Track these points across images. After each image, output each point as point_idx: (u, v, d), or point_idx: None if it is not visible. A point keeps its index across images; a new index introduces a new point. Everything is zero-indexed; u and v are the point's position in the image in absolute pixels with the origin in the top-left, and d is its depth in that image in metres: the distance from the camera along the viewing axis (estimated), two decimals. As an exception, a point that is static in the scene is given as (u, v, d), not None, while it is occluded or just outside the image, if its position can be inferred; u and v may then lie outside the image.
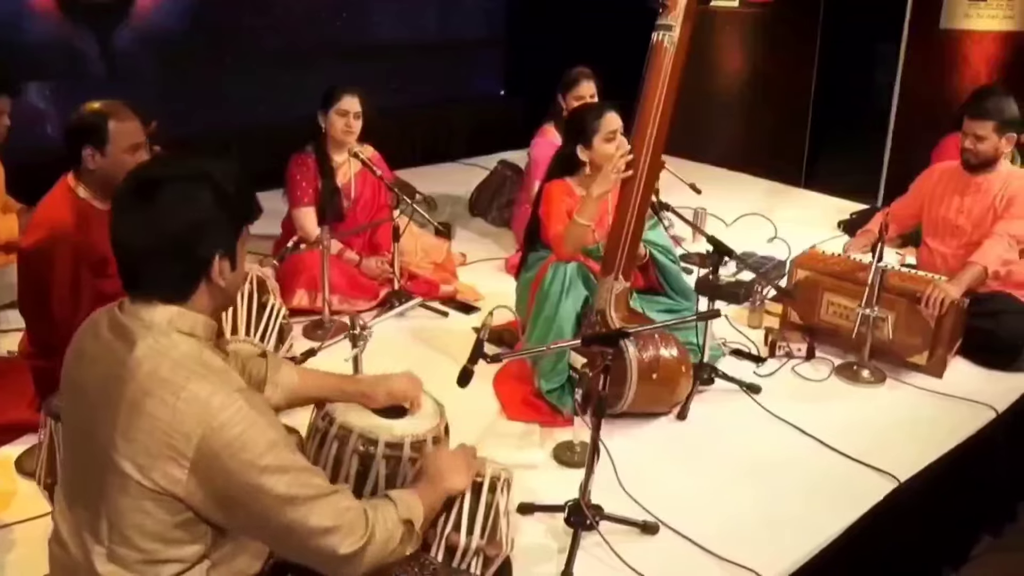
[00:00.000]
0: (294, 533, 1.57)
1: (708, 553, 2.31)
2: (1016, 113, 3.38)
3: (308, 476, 1.59)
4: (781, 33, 6.41)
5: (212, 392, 1.51)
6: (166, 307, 1.58)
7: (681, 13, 2.70)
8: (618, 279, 2.87)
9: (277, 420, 1.62)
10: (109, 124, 2.65)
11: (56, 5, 4.71)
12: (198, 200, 1.54)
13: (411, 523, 1.73)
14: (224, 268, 1.60)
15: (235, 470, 1.50)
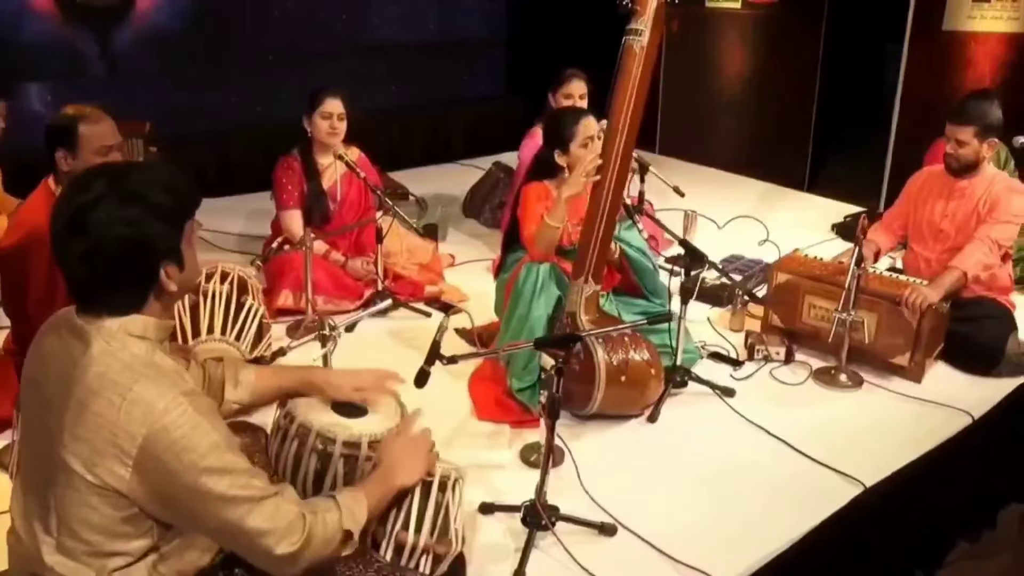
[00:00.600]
0: (232, 532, 1.62)
1: (664, 555, 2.33)
2: (998, 118, 3.36)
3: (248, 478, 1.63)
4: (784, 35, 6.38)
5: (158, 394, 1.55)
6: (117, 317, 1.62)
7: (650, 17, 2.71)
8: (588, 282, 2.89)
9: (222, 424, 1.66)
10: (79, 128, 2.73)
11: (56, 7, 4.79)
12: (129, 219, 1.56)
13: (350, 532, 1.76)
14: (172, 273, 1.63)
15: (177, 470, 1.54)
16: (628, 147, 2.81)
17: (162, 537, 1.67)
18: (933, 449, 2.89)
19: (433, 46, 6.39)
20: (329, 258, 3.82)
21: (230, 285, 3.09)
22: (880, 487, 2.67)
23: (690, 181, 6.00)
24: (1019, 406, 3.24)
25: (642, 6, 2.71)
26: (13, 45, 4.68)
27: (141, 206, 1.57)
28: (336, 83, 5.22)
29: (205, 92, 5.32)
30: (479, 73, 6.75)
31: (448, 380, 3.18)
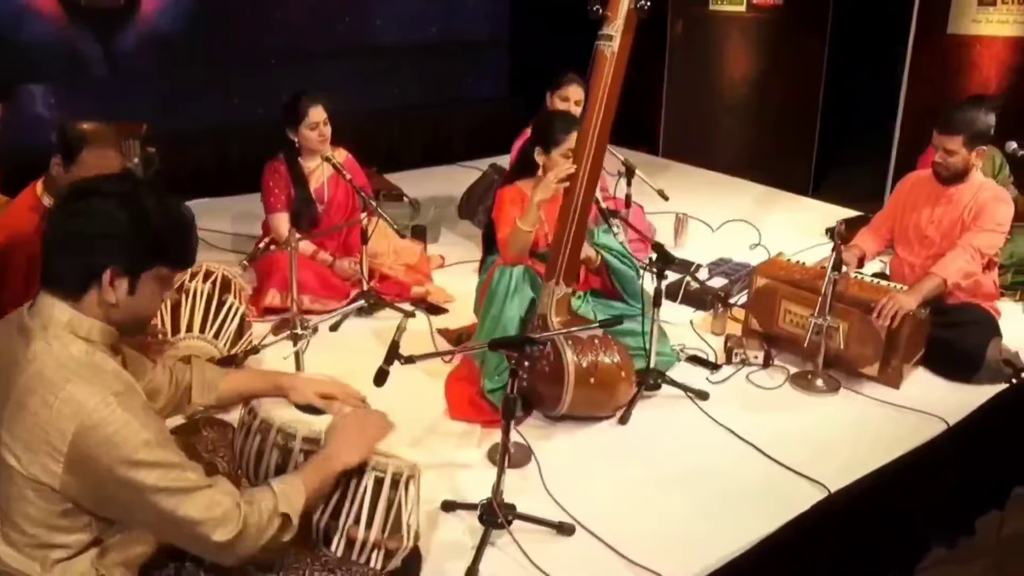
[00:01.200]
0: (169, 524, 1.68)
1: (619, 556, 2.35)
2: (987, 125, 3.34)
3: (180, 471, 1.68)
4: (789, 38, 6.36)
5: (88, 394, 1.61)
6: (65, 307, 1.69)
7: (621, 23, 2.72)
8: (559, 284, 2.91)
9: (154, 421, 1.71)
10: (84, 151, 2.78)
11: (60, 8, 4.89)
12: (112, 217, 1.66)
13: (288, 515, 1.80)
14: (118, 286, 1.69)
15: (108, 466, 1.60)
16: (599, 151, 2.83)
17: (104, 531, 1.73)
18: (904, 455, 2.88)
19: (435, 47, 6.43)
20: (317, 258, 3.88)
21: (212, 284, 3.15)
22: (845, 492, 2.67)
23: (689, 184, 6.08)
24: (997, 413, 3.21)
25: (613, 12, 2.73)
26: (16, 46, 4.78)
27: (132, 218, 1.67)
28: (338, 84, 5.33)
29: (207, 93, 5.39)
30: (481, 75, 6.78)
31: (426, 380, 3.23)
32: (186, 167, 5.26)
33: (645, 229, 4.50)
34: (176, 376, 2.15)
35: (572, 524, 2.44)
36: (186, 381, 2.17)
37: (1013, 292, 4.05)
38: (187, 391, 2.18)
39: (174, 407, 2.18)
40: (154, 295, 1.79)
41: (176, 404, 2.18)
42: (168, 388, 2.13)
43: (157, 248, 1.74)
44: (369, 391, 2.27)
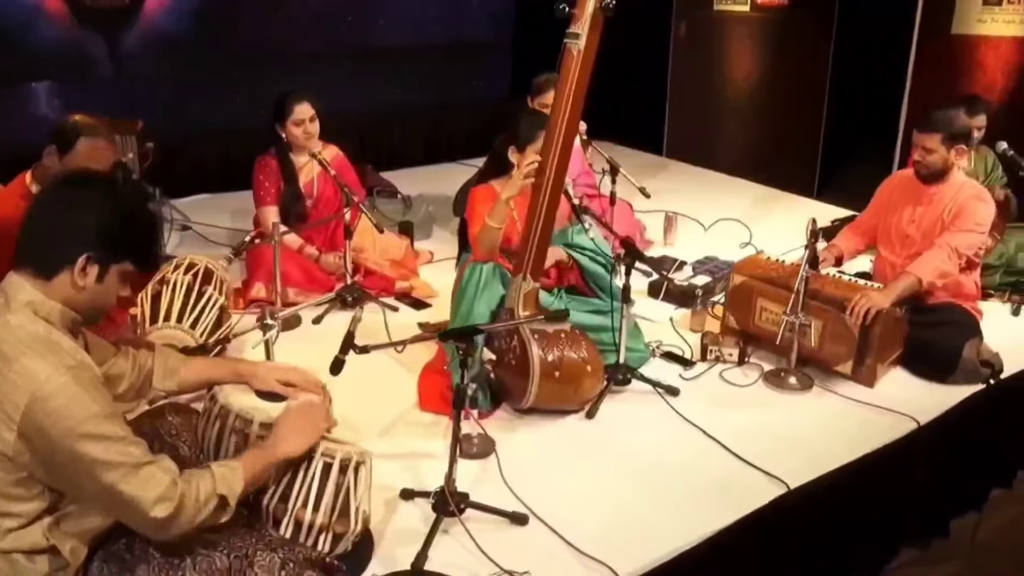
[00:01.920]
0: (109, 497, 1.75)
1: (570, 547, 2.37)
2: (965, 125, 3.36)
3: (124, 446, 1.76)
4: (794, 38, 6.34)
5: (41, 368, 1.70)
6: (31, 288, 1.79)
7: (587, 21, 2.75)
8: (526, 279, 2.95)
9: (103, 396, 1.79)
10: (80, 141, 2.92)
11: (67, 8, 5.01)
12: (99, 209, 1.81)
13: (225, 497, 1.86)
14: (89, 273, 1.80)
15: (56, 436, 1.69)
16: (567, 147, 2.85)
17: (56, 502, 1.81)
18: (870, 454, 2.88)
19: (439, 49, 6.49)
20: (303, 253, 3.95)
21: (193, 276, 3.22)
22: (804, 489, 2.67)
23: (686, 183, 6.10)
24: (970, 414, 3.20)
25: (580, 10, 2.76)
26: (23, 45, 4.90)
27: (112, 216, 1.81)
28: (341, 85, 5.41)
29: (210, 93, 5.49)
30: (485, 76, 6.83)
31: (401, 372, 3.29)
32: (188, 164, 5.37)
33: (632, 227, 4.53)
34: (139, 361, 2.23)
35: (525, 514, 2.47)
36: (148, 366, 2.25)
37: (1001, 293, 4.02)
38: (149, 376, 2.26)
39: (136, 392, 2.26)
40: (114, 288, 1.89)
41: (138, 389, 2.26)
42: (131, 373, 2.21)
43: (130, 246, 1.86)
44: (345, 382, 2.33)
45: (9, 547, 1.78)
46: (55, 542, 1.82)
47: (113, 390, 2.17)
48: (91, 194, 1.85)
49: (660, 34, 6.86)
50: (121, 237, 1.84)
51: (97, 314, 1.96)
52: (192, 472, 1.88)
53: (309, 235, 4.01)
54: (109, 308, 2.00)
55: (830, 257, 3.56)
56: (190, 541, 1.93)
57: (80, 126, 2.91)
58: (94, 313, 1.92)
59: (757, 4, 6.45)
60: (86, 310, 1.87)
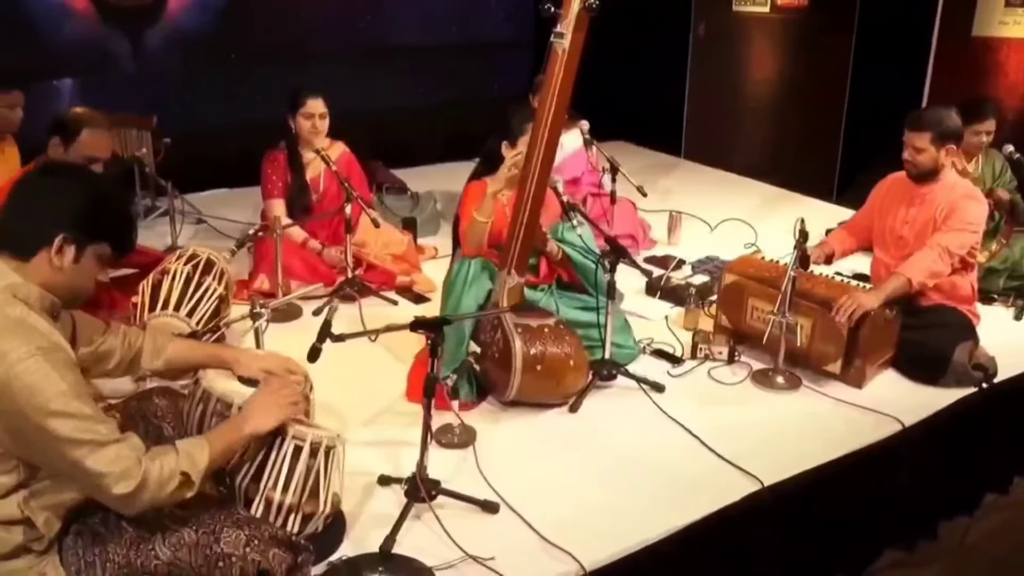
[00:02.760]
0: (76, 472, 1.83)
1: (537, 535, 2.42)
2: (956, 125, 3.33)
3: (92, 423, 1.83)
4: (814, 40, 6.31)
5: (15, 347, 1.78)
6: (10, 272, 1.87)
7: (572, 22, 2.80)
8: (511, 274, 3.00)
9: (74, 376, 1.86)
10: (82, 132, 3.07)
11: (92, 6, 5.17)
12: (74, 192, 1.91)
13: (187, 474, 1.94)
14: (66, 254, 1.89)
15: (27, 412, 1.77)
16: (551, 143, 2.90)
17: (31, 476, 1.89)
18: (849, 454, 2.88)
19: (458, 47, 6.56)
20: (307, 246, 4.04)
21: (193, 267, 3.32)
22: (779, 487, 2.69)
23: (700, 183, 6.11)
24: (959, 417, 3.18)
25: (565, 10, 2.81)
26: (50, 42, 5.07)
27: (86, 199, 1.90)
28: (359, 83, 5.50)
29: (229, 89, 5.62)
30: (503, 74, 6.88)
31: (393, 363, 3.36)
32: (206, 159, 5.50)
33: (635, 225, 4.56)
34: (129, 339, 2.32)
35: (496, 503, 2.53)
36: (138, 345, 2.34)
37: (1005, 297, 3.99)
38: (139, 355, 2.34)
39: (125, 369, 2.35)
40: (92, 270, 1.97)
41: (127, 366, 2.34)
42: (120, 350, 2.30)
43: (105, 228, 1.95)
44: (336, 371, 2.40)
45: (-13, 517, 1.87)
46: (29, 514, 1.90)
47: (103, 366, 2.28)
48: (67, 179, 1.95)
49: (679, 34, 6.86)
50: (96, 219, 1.92)
51: (76, 296, 2.03)
52: (158, 450, 1.95)
53: (313, 229, 4.10)
54: (88, 291, 2.07)
55: (820, 255, 3.56)
56: (162, 517, 2.01)
57: (82, 117, 3.05)
58: (73, 295, 2.00)
59: (777, 5, 6.44)
60: (65, 292, 1.95)
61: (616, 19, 6.68)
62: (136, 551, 1.96)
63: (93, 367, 2.24)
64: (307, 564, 2.13)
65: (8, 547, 1.89)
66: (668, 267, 4.17)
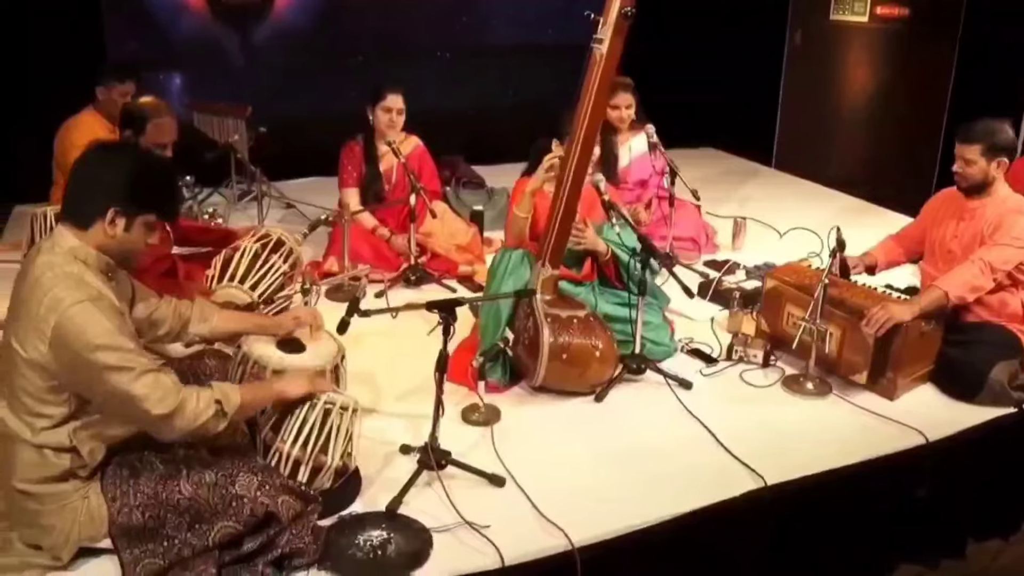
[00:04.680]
0: (120, 398, 2.13)
1: (536, 510, 2.56)
2: (1008, 138, 3.27)
3: (133, 355, 2.14)
4: (914, 51, 6.16)
5: (68, 295, 2.10)
6: (72, 236, 2.19)
7: (611, 29, 2.93)
8: (545, 266, 3.16)
9: (119, 320, 2.17)
10: (149, 121, 3.41)
11: (206, 4, 5.62)
12: (120, 171, 2.20)
13: (220, 403, 2.22)
14: (118, 224, 2.19)
15: (77, 348, 2.09)
16: (588, 143, 3.04)
17: (81, 409, 2.20)
18: (863, 462, 2.89)
19: (552, 49, 6.72)
20: (376, 233, 4.32)
21: (262, 245, 3.61)
22: (782, 486, 2.74)
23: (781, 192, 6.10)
24: (995, 437, 3.13)
25: (605, 17, 2.95)
26: (169, 38, 5.55)
27: (131, 175, 2.19)
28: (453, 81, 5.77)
29: (328, 83, 5.97)
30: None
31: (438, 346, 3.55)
32: (303, 148, 5.86)
33: (698, 229, 4.63)
34: (180, 310, 2.65)
35: (503, 477, 2.69)
36: (187, 315, 2.66)
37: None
38: (186, 323, 2.66)
39: (175, 336, 2.68)
40: (141, 237, 2.27)
41: (176, 333, 2.67)
42: (171, 319, 2.62)
43: (151, 200, 2.24)
44: (380, 348, 2.80)
45: (41, 442, 2.18)
46: (77, 444, 2.21)
47: (155, 331, 2.60)
48: (117, 157, 2.25)
49: (775, 42, 6.82)
50: (142, 192, 2.20)
51: (128, 258, 2.33)
52: (194, 385, 2.25)
53: (384, 217, 4.37)
54: (140, 253, 2.36)
55: (861, 264, 3.56)
56: (189, 459, 2.31)
57: (147, 109, 3.37)
58: (125, 257, 2.30)
59: (876, 14, 6.31)
60: (118, 255, 2.26)
61: (711, 25, 6.75)
62: (163, 486, 2.24)
63: (147, 331, 2.57)
64: (314, 514, 2.38)
65: (58, 471, 2.21)
66: (720, 271, 4.23)
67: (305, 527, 2.33)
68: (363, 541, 2.39)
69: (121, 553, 2.23)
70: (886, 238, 3.75)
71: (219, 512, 2.24)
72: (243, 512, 2.24)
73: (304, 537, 2.31)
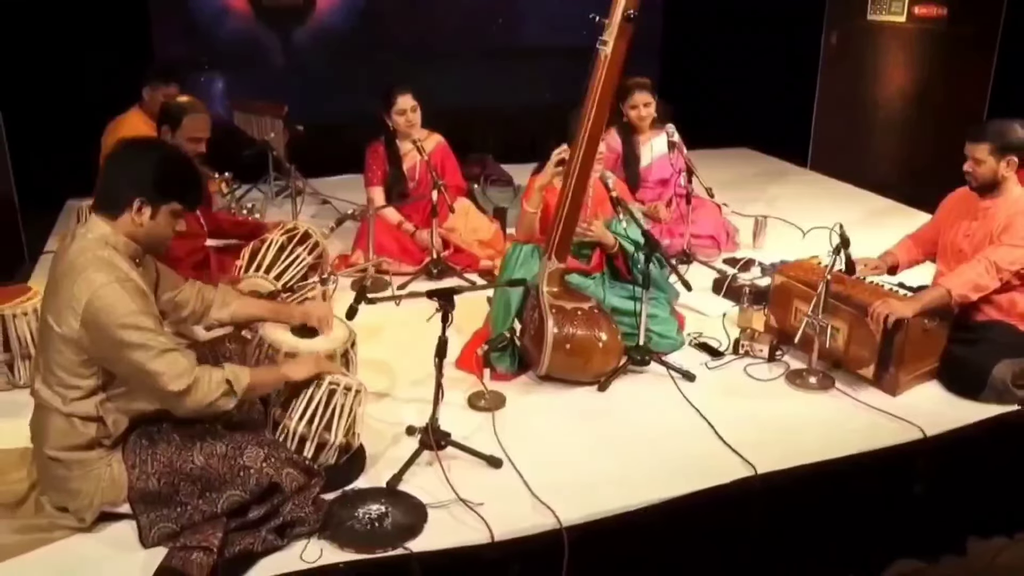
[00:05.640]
0: (141, 373, 2.33)
1: (528, 490, 2.68)
2: (1018, 138, 3.28)
3: (154, 335, 2.33)
4: (952, 52, 6.10)
5: (98, 277, 2.30)
6: (104, 224, 2.39)
7: (615, 29, 3.04)
8: (551, 259, 3.27)
9: (144, 301, 2.37)
10: (185, 117, 3.61)
11: (249, 7, 5.87)
12: (149, 162, 2.40)
13: (230, 383, 2.40)
14: (144, 213, 2.39)
15: (105, 324, 2.28)
16: (592, 141, 3.15)
17: (108, 382, 2.41)
18: (858, 454, 2.94)
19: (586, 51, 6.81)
20: (401, 228, 4.48)
21: (288, 238, 3.80)
22: (772, 476, 2.80)
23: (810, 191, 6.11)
24: (996, 435, 3.14)
25: (610, 20, 3.05)
26: (214, 40, 5.80)
27: (156, 169, 2.38)
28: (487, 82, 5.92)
29: (366, 83, 6.13)
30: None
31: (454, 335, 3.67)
32: (341, 146, 6.01)
33: (719, 227, 4.70)
34: (203, 294, 2.84)
35: (500, 459, 2.82)
36: (209, 299, 2.85)
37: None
38: (208, 307, 2.85)
39: (197, 318, 2.87)
40: (167, 224, 2.47)
41: (199, 316, 2.85)
42: (193, 302, 2.81)
43: (174, 190, 2.43)
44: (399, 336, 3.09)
45: (70, 411, 2.39)
46: (103, 414, 2.41)
47: (179, 313, 2.79)
48: (143, 152, 2.45)
49: (811, 42, 6.82)
50: (166, 183, 2.40)
51: (156, 245, 2.51)
52: (208, 365, 2.43)
53: (408, 213, 4.53)
54: (166, 240, 2.54)
55: (883, 265, 3.60)
56: (204, 432, 2.49)
57: (183, 106, 3.59)
58: (152, 244, 2.49)
59: (914, 15, 6.27)
60: (145, 241, 2.45)
61: (747, 25, 6.78)
62: (178, 455, 2.43)
63: (171, 313, 2.76)
64: (316, 486, 2.53)
65: (84, 439, 2.41)
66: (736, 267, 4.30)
67: (307, 498, 2.49)
68: (362, 513, 2.53)
69: (139, 517, 2.42)
70: (904, 238, 3.78)
71: (227, 481, 2.41)
72: (249, 482, 2.41)
73: (306, 507, 2.46)
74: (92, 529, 2.47)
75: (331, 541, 2.44)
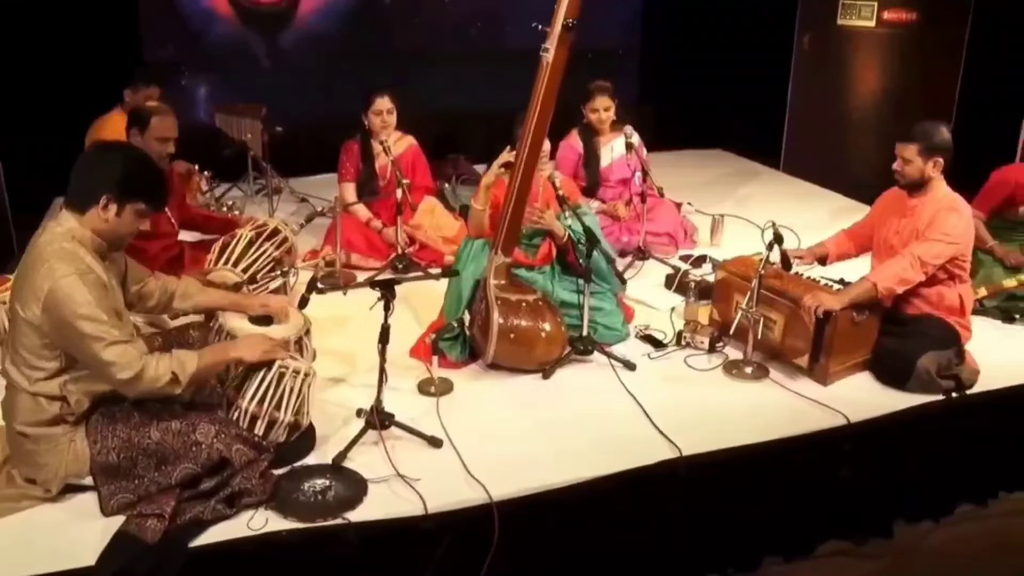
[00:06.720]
0: (93, 362, 2.53)
1: (464, 468, 2.87)
2: (944, 140, 3.46)
3: (108, 327, 2.52)
4: (922, 55, 6.26)
5: (61, 267, 2.50)
6: (72, 218, 2.58)
7: (555, 38, 3.23)
8: (497, 254, 3.47)
9: (100, 293, 2.54)
10: (152, 119, 3.79)
11: (233, 11, 6.07)
12: (116, 162, 2.60)
13: (175, 373, 2.59)
14: (110, 210, 2.57)
15: (63, 314, 2.47)
16: (536, 143, 3.34)
17: (70, 365, 2.60)
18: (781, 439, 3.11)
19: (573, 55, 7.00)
20: (369, 225, 4.68)
21: (257, 233, 3.99)
22: (696, 459, 2.97)
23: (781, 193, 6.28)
24: (922, 423, 3.30)
25: (551, 28, 3.24)
26: (197, 41, 6.00)
27: (123, 169, 2.57)
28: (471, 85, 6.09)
29: (354, 86, 6.29)
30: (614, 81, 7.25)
31: (413, 326, 3.89)
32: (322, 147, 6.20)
33: (676, 225, 4.89)
34: (167, 285, 3.03)
35: (441, 439, 3.01)
36: (172, 290, 3.04)
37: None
38: (172, 298, 3.04)
39: (162, 308, 3.07)
40: (132, 223, 2.66)
41: (163, 306, 3.05)
42: (158, 293, 3.00)
43: (139, 190, 2.62)
44: (364, 327, 3.16)
45: (36, 391, 2.59)
46: (65, 394, 2.61)
47: (145, 304, 2.99)
48: (112, 153, 2.64)
49: (783, 47, 6.98)
50: (131, 183, 2.58)
51: (119, 241, 2.71)
52: (157, 353, 2.62)
53: (377, 210, 4.73)
54: (130, 237, 2.73)
55: (810, 255, 3.77)
56: (160, 410, 2.69)
57: (151, 108, 3.78)
58: (116, 240, 2.68)
59: (883, 19, 6.43)
60: (110, 237, 2.64)
61: (720, 29, 6.95)
62: (136, 432, 2.63)
63: (137, 303, 2.96)
64: (265, 461, 2.73)
65: (49, 416, 2.61)
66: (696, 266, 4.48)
67: (255, 471, 2.69)
68: (307, 487, 2.73)
69: (100, 488, 2.63)
70: (839, 232, 3.95)
71: (181, 455, 2.62)
72: (201, 456, 2.62)
73: (253, 480, 2.66)
74: (57, 499, 2.68)
75: (276, 511, 2.63)
